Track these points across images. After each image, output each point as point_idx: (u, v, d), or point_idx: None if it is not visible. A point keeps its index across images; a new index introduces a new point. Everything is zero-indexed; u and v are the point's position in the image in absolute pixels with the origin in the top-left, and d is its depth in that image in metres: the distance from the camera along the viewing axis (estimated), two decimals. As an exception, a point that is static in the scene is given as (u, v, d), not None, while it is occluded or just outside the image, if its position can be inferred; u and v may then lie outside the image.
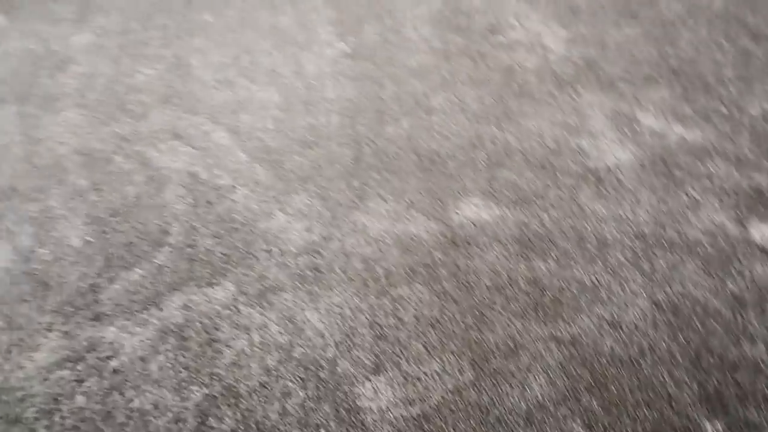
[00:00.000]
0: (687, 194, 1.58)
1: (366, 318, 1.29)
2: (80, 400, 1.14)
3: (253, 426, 1.11)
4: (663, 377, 1.19)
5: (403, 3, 2.22)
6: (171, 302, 1.32)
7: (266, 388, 1.17)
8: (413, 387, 1.17)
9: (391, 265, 1.39)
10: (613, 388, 1.18)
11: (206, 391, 1.16)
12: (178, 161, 1.62)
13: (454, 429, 1.12)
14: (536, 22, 2.16)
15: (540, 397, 1.16)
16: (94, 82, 1.84)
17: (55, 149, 1.64)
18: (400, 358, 1.22)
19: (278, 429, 1.11)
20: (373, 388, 1.17)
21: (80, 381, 1.17)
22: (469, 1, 2.25)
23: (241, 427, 1.11)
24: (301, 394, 1.16)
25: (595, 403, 1.15)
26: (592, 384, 1.18)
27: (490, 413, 1.14)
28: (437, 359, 1.21)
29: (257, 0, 2.20)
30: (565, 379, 1.19)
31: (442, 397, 1.16)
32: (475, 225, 1.49)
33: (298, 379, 1.18)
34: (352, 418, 1.13)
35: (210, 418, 1.12)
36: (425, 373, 1.19)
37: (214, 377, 1.18)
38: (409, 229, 1.48)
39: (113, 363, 1.20)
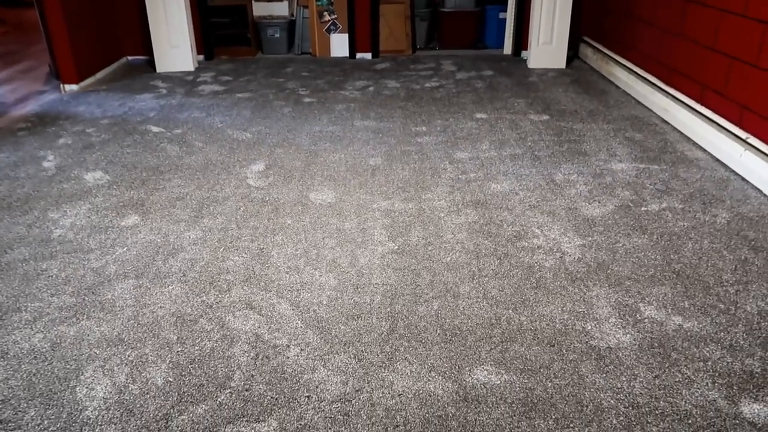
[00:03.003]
0: (681, 373, 1.76)
1: (382, 456, 1.51)
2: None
3: None
4: None
5: (447, 216, 2.71)
6: (224, 432, 1.60)
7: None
8: None
9: (409, 415, 1.63)
10: None
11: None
12: (247, 325, 2.01)
13: None
14: (556, 232, 2.56)
15: None
16: (194, 265, 2.36)
17: (156, 312, 2.09)
18: (407, 489, 1.40)
19: None
20: None
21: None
22: (500, 215, 2.71)
23: None
24: None
25: None
26: None
27: None
28: (439, 493, 1.38)
29: (329, 210, 2.78)
30: None
31: None
32: (485, 387, 1.72)
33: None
34: None
35: None
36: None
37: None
38: (428, 387, 1.73)
39: (171, 474, 1.46)
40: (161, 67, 5.18)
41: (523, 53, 5.63)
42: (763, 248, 2.40)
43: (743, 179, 3.02)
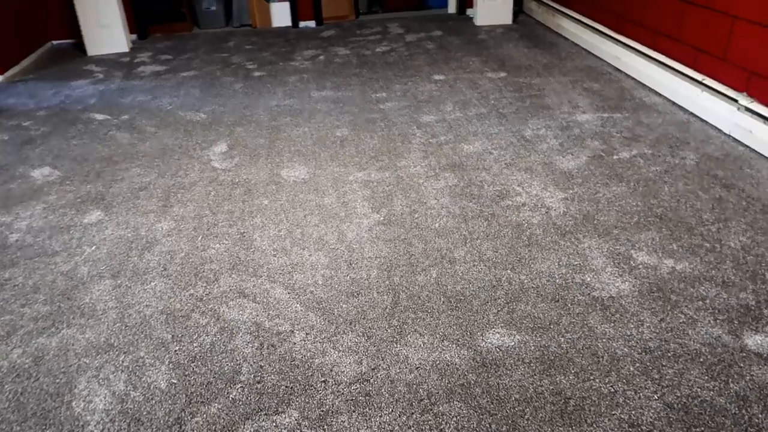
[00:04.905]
0: (684, 314, 1.81)
1: (413, 432, 1.48)
2: None
3: None
4: (683, 467, 1.33)
5: (426, 181, 2.67)
6: (244, 429, 1.53)
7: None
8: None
9: (431, 387, 1.61)
10: (638, 478, 1.31)
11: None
12: (244, 314, 1.93)
13: None
14: (537, 188, 2.57)
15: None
16: (174, 258, 2.23)
17: (143, 311, 1.97)
18: (446, 462, 1.38)
19: None
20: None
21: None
22: (479, 176, 2.70)
23: None
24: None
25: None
26: (619, 476, 1.32)
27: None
28: (478, 462, 1.37)
29: (304, 186, 2.68)
30: (595, 472, 1.33)
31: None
32: (500, 350, 1.72)
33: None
34: None
35: None
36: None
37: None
38: (444, 356, 1.71)
39: (198, 479, 1.39)
40: (92, 50, 4.83)
41: (469, 11, 5.58)
42: (734, 185, 2.49)
43: (702, 120, 3.12)
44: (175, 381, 1.69)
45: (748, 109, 2.83)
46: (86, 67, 4.56)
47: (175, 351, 1.80)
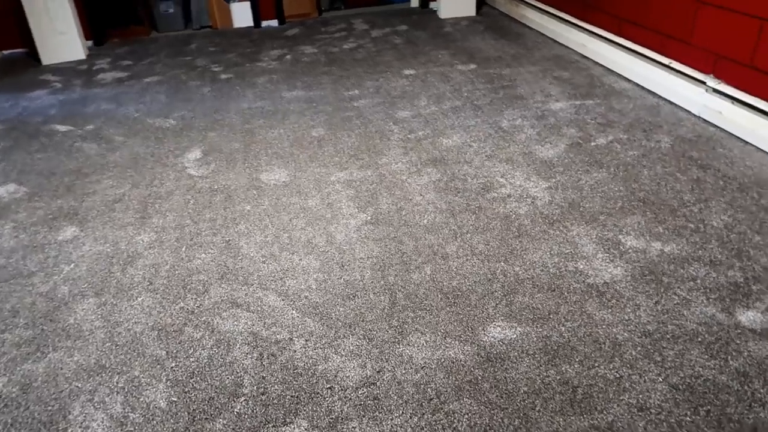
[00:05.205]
0: (677, 295, 1.84)
1: (426, 432, 1.47)
2: None
3: None
4: (695, 447, 1.35)
5: (409, 178, 2.66)
6: (252, 443, 1.49)
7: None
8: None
9: (439, 386, 1.60)
10: (654, 461, 1.33)
11: None
12: (239, 324, 1.88)
13: None
14: (521, 179, 2.59)
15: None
16: (159, 270, 2.16)
17: (132, 328, 1.90)
18: (464, 461, 1.37)
19: None
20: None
21: None
22: (462, 169, 2.69)
23: None
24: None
25: (641, 476, 1.30)
26: (636, 460, 1.33)
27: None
28: (496, 458, 1.37)
29: (286, 190, 2.63)
30: (611, 459, 1.34)
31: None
32: (503, 343, 1.72)
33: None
34: None
35: None
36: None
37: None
38: (448, 354, 1.70)
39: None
40: (47, 58, 4.65)
41: (432, 4, 5.58)
42: (709, 166, 2.56)
43: (671, 103, 3.19)
44: (175, 399, 1.64)
45: (716, 91, 2.90)
46: (42, 77, 4.38)
47: (172, 368, 1.74)
